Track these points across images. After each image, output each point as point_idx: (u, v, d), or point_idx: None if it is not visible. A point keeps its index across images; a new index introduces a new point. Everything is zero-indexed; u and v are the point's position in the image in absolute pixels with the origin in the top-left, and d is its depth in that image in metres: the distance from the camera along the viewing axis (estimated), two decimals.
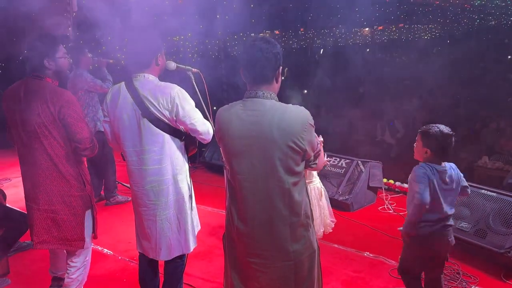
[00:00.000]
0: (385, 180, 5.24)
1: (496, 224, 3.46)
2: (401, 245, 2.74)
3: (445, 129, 2.51)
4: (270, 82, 1.93)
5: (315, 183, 3.37)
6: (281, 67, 1.96)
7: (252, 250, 1.94)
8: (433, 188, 2.48)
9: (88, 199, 2.76)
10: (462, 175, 2.60)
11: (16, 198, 4.93)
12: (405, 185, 5.09)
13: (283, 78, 2.03)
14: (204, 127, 2.49)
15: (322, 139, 3.24)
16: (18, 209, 3.66)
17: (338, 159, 5.20)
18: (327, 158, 3.58)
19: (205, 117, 2.60)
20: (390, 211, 4.71)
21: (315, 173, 3.38)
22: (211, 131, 2.54)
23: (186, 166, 2.61)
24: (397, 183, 5.27)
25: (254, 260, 1.94)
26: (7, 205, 3.67)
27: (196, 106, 2.53)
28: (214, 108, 2.73)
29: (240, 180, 1.90)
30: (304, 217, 1.93)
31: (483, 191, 3.70)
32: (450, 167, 2.56)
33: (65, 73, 2.68)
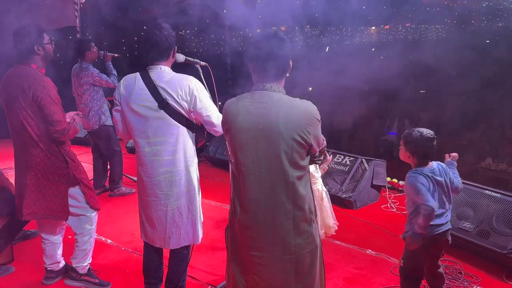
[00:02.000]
0: (388, 178, 5.24)
1: (499, 225, 3.47)
2: (403, 243, 2.73)
3: (426, 132, 2.53)
4: (283, 77, 1.96)
5: (317, 185, 3.36)
6: (291, 62, 1.98)
7: (254, 243, 1.95)
8: (433, 190, 2.53)
9: (72, 177, 2.93)
10: (448, 169, 2.63)
11: None
12: None
13: (287, 75, 2.04)
14: (218, 120, 2.49)
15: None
16: None
17: (342, 157, 5.21)
18: (330, 156, 3.60)
19: None
20: (393, 210, 4.72)
21: (317, 175, 3.37)
22: None
23: (196, 158, 2.63)
24: (401, 182, 5.27)
25: (255, 253, 1.95)
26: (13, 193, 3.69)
27: None
28: (219, 103, 2.74)
29: (245, 172, 1.91)
30: (308, 212, 1.94)
31: (487, 191, 3.70)
32: (438, 164, 2.60)
33: (52, 57, 2.91)
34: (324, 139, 2.05)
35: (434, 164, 2.59)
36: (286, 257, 1.93)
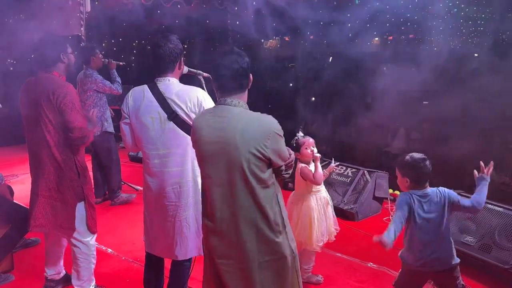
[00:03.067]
0: (391, 190, 5.21)
1: (501, 239, 3.44)
2: None
3: (416, 155, 2.58)
4: (244, 91, 2.03)
5: (322, 193, 3.37)
6: (251, 75, 2.05)
7: (221, 251, 2.01)
8: (413, 216, 2.53)
9: (80, 191, 2.89)
10: (452, 192, 2.56)
11: (23, 194, 4.95)
12: None
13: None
14: None
15: (319, 154, 3.29)
16: (25, 206, 3.69)
17: (344, 168, 5.20)
18: (335, 164, 3.60)
19: None
20: None
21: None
22: None
23: None
24: None
25: (222, 261, 2.01)
26: (14, 201, 3.70)
27: None
28: None
29: (210, 184, 1.99)
30: (273, 223, 1.98)
31: (489, 205, 3.68)
32: (435, 192, 2.55)
33: (73, 67, 2.99)
34: (291, 153, 2.10)
35: (429, 190, 2.56)
36: (249, 265, 1.97)
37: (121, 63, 5.24)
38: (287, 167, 2.06)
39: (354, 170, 5.10)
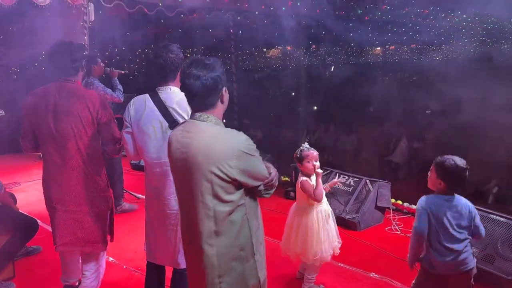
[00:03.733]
0: (393, 200, 5.20)
1: (504, 249, 3.42)
2: (407, 267, 2.71)
3: (460, 162, 2.50)
4: (214, 106, 1.87)
5: (323, 205, 3.35)
6: (224, 88, 1.89)
7: (189, 275, 1.97)
8: (434, 222, 2.49)
9: (110, 201, 2.87)
10: (476, 212, 2.56)
11: (24, 202, 4.97)
12: (414, 206, 5.05)
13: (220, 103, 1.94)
14: None
15: (321, 170, 3.29)
16: (27, 214, 3.69)
17: (346, 177, 5.19)
18: (338, 179, 3.59)
19: None
20: (397, 232, 4.67)
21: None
22: None
23: None
24: (405, 204, 5.23)
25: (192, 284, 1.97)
26: (16, 209, 3.69)
27: None
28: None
29: (179, 202, 1.96)
30: (238, 249, 1.84)
31: (492, 215, 3.66)
32: (462, 201, 2.55)
33: (84, 77, 2.84)
34: (272, 172, 1.91)
35: (457, 198, 2.54)
36: None
37: (123, 72, 5.26)
38: (267, 187, 1.89)
39: (356, 179, 5.09)
